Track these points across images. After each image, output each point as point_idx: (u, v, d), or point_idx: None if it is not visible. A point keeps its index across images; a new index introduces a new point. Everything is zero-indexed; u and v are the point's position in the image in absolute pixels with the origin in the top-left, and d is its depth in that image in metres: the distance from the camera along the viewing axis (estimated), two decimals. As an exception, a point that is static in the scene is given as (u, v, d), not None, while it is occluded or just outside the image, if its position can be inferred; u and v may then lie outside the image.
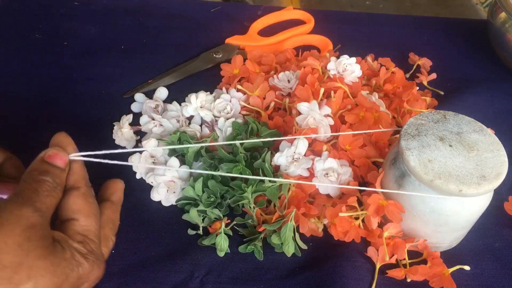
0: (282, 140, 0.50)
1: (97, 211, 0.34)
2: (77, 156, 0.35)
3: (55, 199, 0.32)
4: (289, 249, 0.45)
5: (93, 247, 0.32)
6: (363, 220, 0.46)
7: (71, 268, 0.30)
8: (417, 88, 0.60)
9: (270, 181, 0.47)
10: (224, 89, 0.57)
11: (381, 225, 0.45)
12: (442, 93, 0.63)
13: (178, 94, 0.58)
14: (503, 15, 0.62)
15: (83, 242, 0.32)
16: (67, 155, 0.34)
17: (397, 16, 0.80)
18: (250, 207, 0.46)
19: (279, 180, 0.46)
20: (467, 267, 0.44)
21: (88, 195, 0.34)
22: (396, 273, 0.44)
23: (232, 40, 0.68)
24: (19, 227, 0.28)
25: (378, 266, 0.45)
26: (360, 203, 0.47)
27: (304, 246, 0.46)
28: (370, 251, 0.45)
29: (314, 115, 0.49)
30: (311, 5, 0.95)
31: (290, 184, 0.47)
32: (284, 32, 0.70)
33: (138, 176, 0.51)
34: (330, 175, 0.47)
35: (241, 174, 0.47)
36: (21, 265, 0.28)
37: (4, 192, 0.35)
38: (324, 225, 0.47)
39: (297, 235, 0.46)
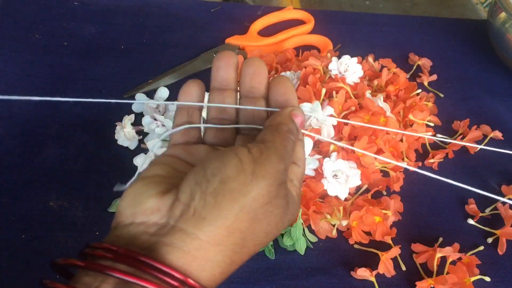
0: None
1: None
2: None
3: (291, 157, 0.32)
4: (301, 246, 0.45)
5: (299, 192, 0.33)
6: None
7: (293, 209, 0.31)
8: (420, 90, 0.60)
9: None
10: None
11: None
12: (442, 95, 0.63)
13: (178, 94, 0.58)
14: (503, 15, 0.62)
15: (296, 186, 0.32)
16: (304, 116, 0.33)
17: (397, 16, 0.80)
18: None
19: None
20: (487, 278, 0.45)
21: (303, 146, 0.34)
22: (422, 285, 0.43)
23: (232, 40, 0.68)
24: (275, 182, 0.28)
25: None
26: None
27: (314, 239, 0.47)
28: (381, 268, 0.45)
29: (317, 116, 0.49)
30: (311, 5, 0.94)
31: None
32: (284, 32, 0.70)
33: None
34: (339, 176, 0.47)
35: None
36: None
37: None
38: (334, 225, 0.48)
39: (306, 230, 0.46)
